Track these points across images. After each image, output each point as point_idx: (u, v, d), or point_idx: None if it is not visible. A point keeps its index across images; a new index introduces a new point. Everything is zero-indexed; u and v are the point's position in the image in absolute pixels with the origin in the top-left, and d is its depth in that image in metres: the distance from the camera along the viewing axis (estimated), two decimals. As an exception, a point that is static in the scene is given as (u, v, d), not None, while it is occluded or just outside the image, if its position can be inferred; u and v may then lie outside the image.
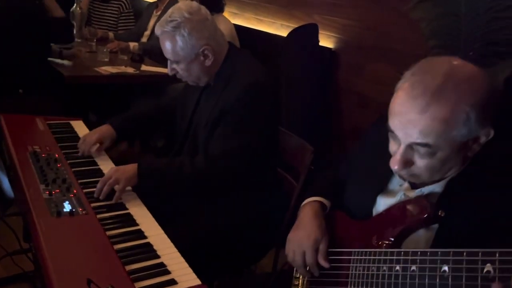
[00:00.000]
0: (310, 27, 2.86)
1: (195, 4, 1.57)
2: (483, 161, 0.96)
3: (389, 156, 1.02)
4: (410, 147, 0.92)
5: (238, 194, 1.57)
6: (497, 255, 0.77)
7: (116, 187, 1.41)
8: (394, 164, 0.95)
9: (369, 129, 1.26)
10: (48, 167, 1.48)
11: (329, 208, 1.21)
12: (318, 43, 2.86)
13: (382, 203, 1.09)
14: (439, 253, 0.85)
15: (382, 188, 1.10)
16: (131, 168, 1.47)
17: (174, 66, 1.58)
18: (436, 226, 0.95)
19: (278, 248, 1.69)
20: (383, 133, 0.99)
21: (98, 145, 1.68)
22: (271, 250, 1.70)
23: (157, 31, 1.55)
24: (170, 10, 1.55)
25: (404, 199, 1.03)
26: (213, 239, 1.52)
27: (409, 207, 0.98)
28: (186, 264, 1.13)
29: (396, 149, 0.96)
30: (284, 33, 3.07)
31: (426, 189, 1.01)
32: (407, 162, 0.94)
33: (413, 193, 1.03)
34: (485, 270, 0.77)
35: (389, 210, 1.03)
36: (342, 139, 2.85)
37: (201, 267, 1.14)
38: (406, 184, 1.05)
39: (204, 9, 1.57)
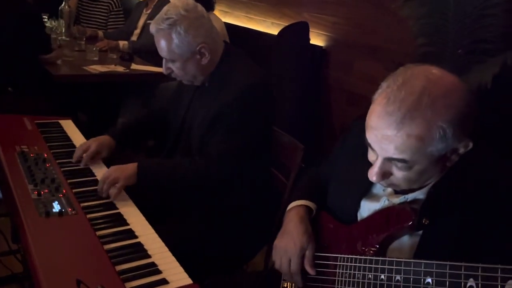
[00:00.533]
0: (301, 25, 2.87)
1: (191, 1, 1.54)
2: (463, 166, 0.95)
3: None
4: (388, 159, 0.92)
5: (230, 193, 1.57)
6: (479, 270, 0.78)
7: (116, 185, 1.41)
8: (372, 176, 0.95)
9: (349, 128, 1.25)
10: (37, 167, 1.47)
11: (315, 211, 1.21)
12: (308, 41, 2.86)
13: (366, 208, 1.08)
14: (422, 264, 0.86)
15: (366, 192, 1.10)
16: (130, 167, 1.47)
17: (170, 65, 1.55)
18: (420, 232, 0.96)
19: (270, 246, 1.70)
20: (363, 134, 0.98)
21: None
22: (262, 248, 1.70)
23: (152, 29, 1.51)
24: (165, 8, 1.52)
25: (387, 204, 1.04)
26: (204, 238, 1.52)
27: (393, 214, 0.98)
28: (177, 264, 1.12)
29: (374, 159, 0.95)
30: (274, 31, 3.07)
31: (410, 196, 1.00)
32: (385, 174, 0.94)
33: (397, 199, 1.03)
34: (468, 286, 0.79)
35: (373, 216, 1.04)
36: (332, 136, 2.86)
37: (192, 266, 1.14)
38: (389, 189, 1.05)
39: (200, 7, 1.55)
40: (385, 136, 0.88)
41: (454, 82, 0.89)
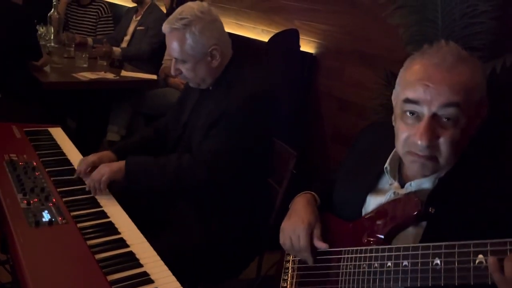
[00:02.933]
0: (291, 33, 2.88)
1: (205, 4, 1.55)
2: (471, 159, 0.99)
3: (380, 157, 1.05)
4: (434, 118, 0.91)
5: (224, 200, 1.56)
6: (488, 245, 0.78)
7: (101, 180, 1.44)
8: (422, 139, 0.91)
9: (358, 136, 1.27)
10: (26, 176, 1.45)
11: (319, 203, 1.23)
12: (299, 48, 2.87)
13: (372, 202, 1.09)
14: (431, 247, 0.87)
15: (372, 187, 1.11)
16: (118, 163, 1.51)
17: (180, 65, 1.54)
18: (424, 223, 0.96)
19: (262, 254, 1.69)
20: (373, 140, 1.02)
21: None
22: (255, 257, 1.69)
23: (165, 29, 1.51)
24: (179, 9, 1.52)
25: (394, 197, 1.04)
26: (197, 247, 1.50)
27: (399, 204, 0.99)
28: (169, 272, 1.11)
29: (412, 132, 0.94)
30: (265, 38, 3.08)
31: (414, 184, 1.01)
32: (432, 135, 0.91)
33: (403, 190, 1.04)
34: (477, 261, 0.79)
35: (379, 209, 1.04)
36: (323, 143, 2.87)
37: (184, 275, 1.13)
38: (395, 183, 1.06)
39: (214, 11, 1.56)
40: (438, 80, 0.91)
41: None
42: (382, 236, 1.00)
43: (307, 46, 2.89)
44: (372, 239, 1.02)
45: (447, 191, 0.96)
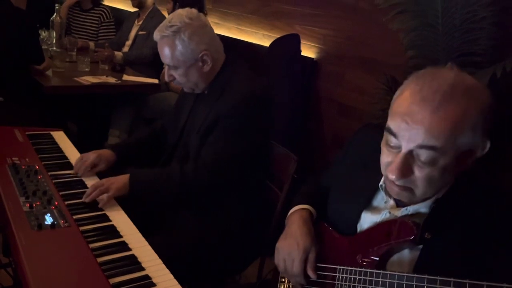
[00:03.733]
0: (292, 37, 2.90)
1: (194, 10, 1.58)
2: (467, 182, 0.96)
3: (374, 169, 1.01)
4: (411, 153, 0.88)
5: (224, 204, 1.57)
6: (484, 287, 0.77)
7: (105, 194, 1.41)
8: (392, 173, 0.89)
9: (352, 137, 1.25)
10: (28, 179, 1.45)
11: (315, 217, 1.21)
12: (300, 53, 2.89)
13: (367, 220, 1.08)
14: (425, 279, 0.85)
15: (367, 204, 1.09)
16: (122, 178, 1.49)
17: (172, 72, 1.57)
18: (420, 246, 0.95)
19: (263, 258, 1.69)
20: (367, 143, 0.99)
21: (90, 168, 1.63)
22: (256, 260, 1.70)
23: (156, 36, 1.55)
24: (169, 16, 1.55)
25: (389, 217, 1.03)
26: (198, 250, 1.51)
27: (395, 227, 0.97)
28: (171, 276, 1.11)
29: (390, 160, 0.92)
30: (266, 43, 3.10)
31: (411, 208, 0.99)
32: (407, 171, 0.89)
33: (399, 212, 1.01)
34: None
35: (374, 229, 1.03)
36: (323, 147, 2.88)
37: (186, 278, 1.14)
38: (391, 202, 1.04)
39: (203, 16, 1.58)
40: (418, 120, 0.85)
41: (477, 81, 0.91)
42: (377, 258, 0.99)
43: (308, 51, 2.90)
44: (366, 260, 1.01)
45: (444, 216, 0.94)
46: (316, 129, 2.90)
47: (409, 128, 0.87)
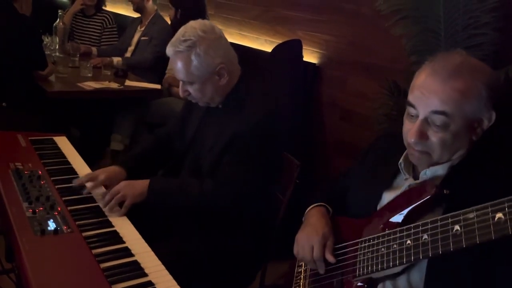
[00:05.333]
0: (294, 43, 2.90)
1: (208, 22, 1.52)
2: (482, 151, 1.05)
3: (394, 160, 1.11)
4: (426, 121, 1.01)
5: (232, 216, 1.54)
6: (505, 203, 0.82)
7: (118, 207, 1.40)
8: (411, 136, 1.02)
9: (372, 144, 1.32)
10: (31, 185, 1.45)
11: (331, 214, 1.26)
12: (302, 58, 2.89)
13: (387, 198, 1.13)
14: (449, 217, 0.91)
15: (388, 185, 1.16)
16: (141, 185, 1.46)
17: (187, 87, 1.51)
18: (442, 210, 1.00)
19: (266, 264, 1.69)
20: (388, 148, 1.11)
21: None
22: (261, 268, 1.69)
23: (169, 52, 1.47)
24: (181, 30, 1.48)
25: (409, 188, 1.09)
26: (201, 257, 1.50)
27: (414, 191, 1.04)
28: (174, 282, 1.11)
29: (411, 127, 1.04)
30: (268, 48, 3.10)
31: (429, 171, 1.07)
32: (422, 135, 1.02)
33: (418, 181, 1.08)
34: (496, 218, 0.83)
35: (395, 200, 1.08)
36: (326, 152, 2.87)
37: (189, 285, 1.13)
38: (410, 178, 1.11)
39: (217, 28, 1.52)
40: (432, 90, 1.00)
41: (484, 63, 1.07)
42: (400, 221, 1.03)
43: (310, 56, 2.91)
44: (388, 226, 1.05)
45: (461, 176, 1.03)
46: (318, 134, 2.90)
47: (424, 97, 1.01)
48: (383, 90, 2.10)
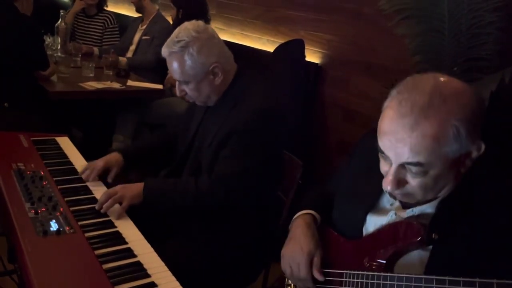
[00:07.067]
0: (296, 43, 2.90)
1: (201, 23, 1.55)
2: (473, 180, 0.96)
3: (378, 172, 1.01)
4: (402, 166, 0.91)
5: (234, 215, 1.55)
6: (494, 285, 0.77)
7: (117, 205, 1.40)
8: (387, 185, 0.92)
9: (358, 143, 1.25)
10: (33, 185, 1.45)
11: (319, 222, 1.21)
12: (304, 58, 2.89)
13: (373, 222, 1.07)
14: (434, 280, 0.84)
15: (372, 206, 1.09)
16: (136, 187, 1.47)
17: (183, 87, 1.55)
18: (430, 248, 0.94)
19: (268, 265, 1.68)
20: (372, 148, 0.98)
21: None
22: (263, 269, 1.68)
23: (164, 53, 1.52)
24: (176, 31, 1.52)
25: (395, 219, 1.02)
26: (204, 258, 1.49)
27: (401, 229, 0.96)
28: (177, 283, 1.11)
29: (387, 169, 0.94)
30: (270, 48, 3.10)
31: (417, 209, 0.99)
32: (400, 182, 0.92)
33: (404, 213, 1.01)
34: None
35: (380, 231, 1.02)
36: (328, 153, 2.87)
37: (192, 285, 1.12)
38: (397, 203, 1.04)
39: (210, 28, 1.56)
40: (400, 139, 0.88)
41: (462, 84, 0.92)
42: (384, 261, 0.98)
43: (312, 56, 2.90)
44: (374, 264, 1.00)
45: (450, 216, 0.94)
46: (320, 135, 2.89)
47: (394, 147, 0.90)
48: (386, 90, 2.09)
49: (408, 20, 1.93)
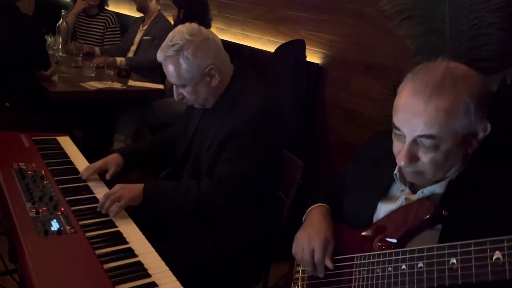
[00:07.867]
0: (297, 43, 2.89)
1: (195, 25, 1.54)
2: (481, 161, 1.01)
3: (389, 164, 1.06)
4: (415, 142, 0.96)
5: (235, 215, 1.55)
6: (505, 242, 0.79)
7: (117, 203, 1.40)
8: (401, 160, 0.98)
9: (364, 145, 1.28)
10: (35, 185, 1.45)
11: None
12: (305, 59, 2.88)
13: (383, 209, 1.10)
14: (446, 247, 0.88)
15: (383, 194, 1.13)
16: (136, 188, 1.47)
17: (180, 90, 1.54)
18: (440, 226, 0.97)
19: (269, 265, 1.68)
20: (381, 148, 1.04)
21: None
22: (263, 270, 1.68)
23: (160, 57, 1.51)
24: (170, 34, 1.52)
25: (405, 203, 1.05)
26: (205, 258, 1.49)
27: (411, 209, 1.00)
28: (178, 283, 1.11)
29: (401, 148, 0.99)
30: (271, 48, 3.10)
31: (427, 190, 1.03)
32: (412, 157, 0.97)
33: (415, 196, 1.05)
34: (494, 258, 0.80)
35: (391, 215, 1.05)
36: (329, 153, 2.87)
37: (193, 285, 1.13)
38: (407, 190, 1.08)
39: (205, 30, 1.55)
40: (415, 113, 0.95)
41: (470, 68, 1.00)
42: (395, 240, 1.00)
43: (313, 56, 2.90)
44: (384, 244, 1.02)
45: (459, 194, 0.99)
46: (321, 135, 2.89)
47: (408, 121, 0.96)
48: (387, 90, 2.09)
49: (409, 21, 1.92)
